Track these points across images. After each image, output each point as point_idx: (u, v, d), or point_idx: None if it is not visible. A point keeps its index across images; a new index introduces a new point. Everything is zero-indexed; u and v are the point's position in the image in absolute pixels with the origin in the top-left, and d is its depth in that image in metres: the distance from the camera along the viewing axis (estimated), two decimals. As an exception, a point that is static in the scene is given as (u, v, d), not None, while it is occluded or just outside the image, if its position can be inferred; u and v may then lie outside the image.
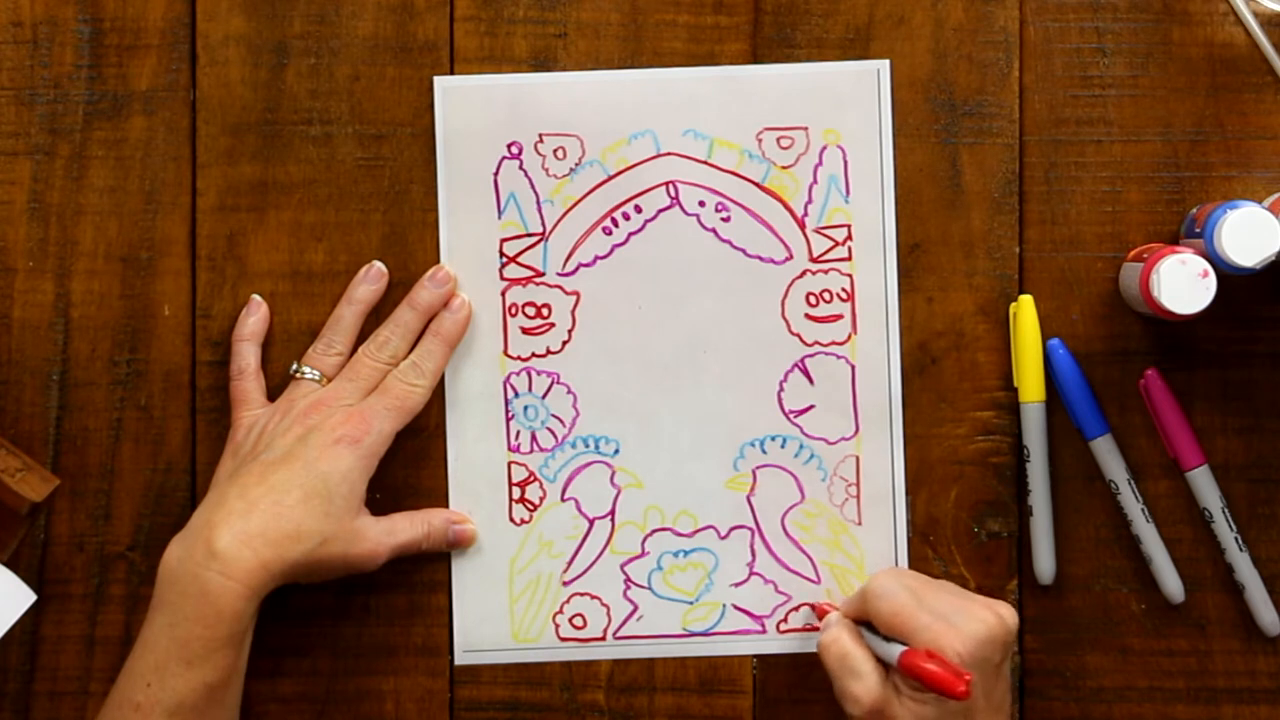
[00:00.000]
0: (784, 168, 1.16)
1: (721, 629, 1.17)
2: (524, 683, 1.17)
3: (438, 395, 1.16)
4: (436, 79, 1.16)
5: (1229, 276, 1.10)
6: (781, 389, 1.17)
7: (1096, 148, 1.16)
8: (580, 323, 1.17)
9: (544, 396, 1.17)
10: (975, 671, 1.05)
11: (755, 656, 1.17)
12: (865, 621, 1.11)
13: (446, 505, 1.17)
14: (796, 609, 1.17)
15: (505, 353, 1.17)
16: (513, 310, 1.17)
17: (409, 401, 1.14)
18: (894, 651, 1.06)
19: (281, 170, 1.16)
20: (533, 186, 1.16)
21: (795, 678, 1.17)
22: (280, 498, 1.09)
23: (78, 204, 1.16)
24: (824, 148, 1.16)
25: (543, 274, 1.17)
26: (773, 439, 1.17)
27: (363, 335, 1.16)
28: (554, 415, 1.17)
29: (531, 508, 1.17)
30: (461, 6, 1.17)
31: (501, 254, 1.17)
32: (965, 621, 1.06)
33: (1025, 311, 1.16)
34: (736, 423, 1.17)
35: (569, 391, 1.17)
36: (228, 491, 1.09)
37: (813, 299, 1.16)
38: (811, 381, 1.17)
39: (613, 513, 1.17)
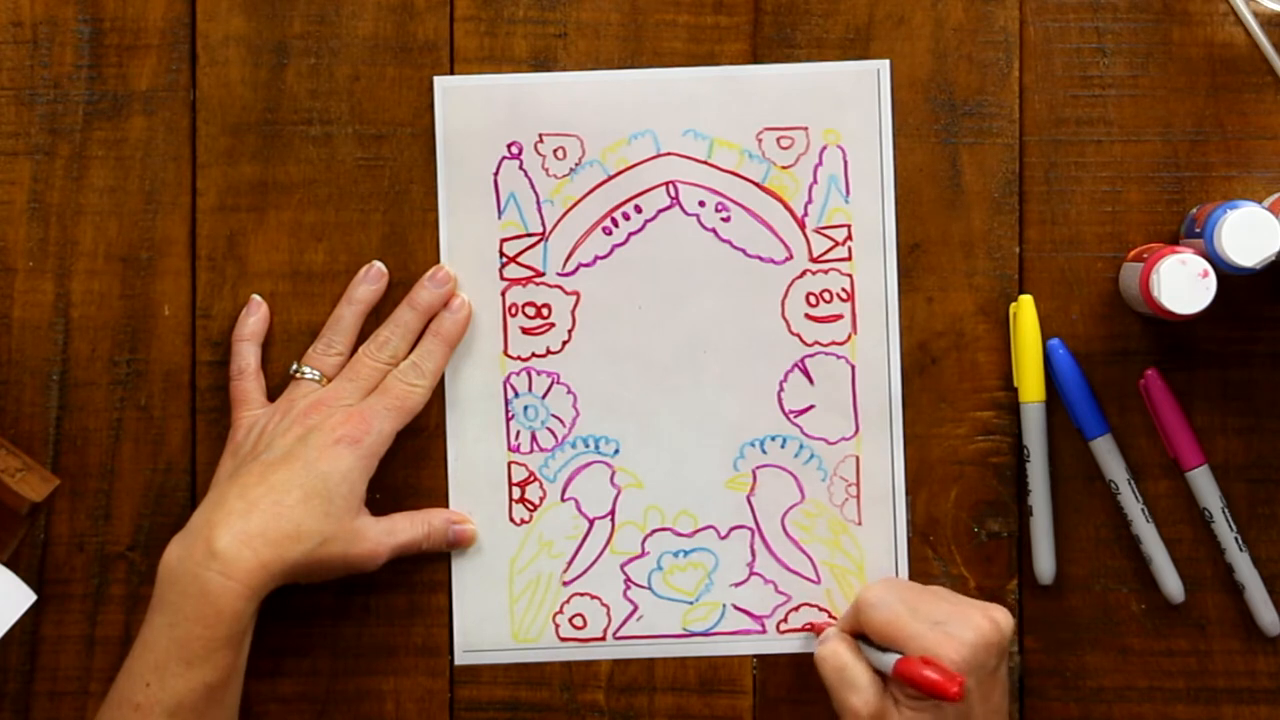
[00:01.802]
0: (784, 168, 1.16)
1: (721, 629, 1.17)
2: (524, 683, 1.17)
3: (438, 395, 1.16)
4: (436, 79, 1.16)
5: (1229, 276, 1.10)
6: (781, 389, 1.17)
7: (1096, 148, 1.16)
8: (580, 323, 1.17)
9: (544, 396, 1.17)
10: (971, 677, 1.05)
11: (755, 656, 1.17)
12: (863, 635, 1.11)
13: (446, 505, 1.17)
14: (796, 609, 1.17)
15: (505, 353, 1.17)
16: (513, 310, 1.17)
17: (409, 401, 1.14)
18: (889, 661, 1.06)
19: (281, 170, 1.16)
20: (533, 186, 1.16)
21: (795, 678, 1.17)
22: (280, 498, 1.09)
23: (78, 204, 1.16)
24: (824, 148, 1.16)
25: (543, 274, 1.17)
26: (773, 439, 1.17)
27: (363, 335, 1.16)
28: (554, 415, 1.17)
29: (531, 508, 1.17)
30: (461, 6, 1.17)
31: (501, 254, 1.17)
32: (959, 628, 1.06)
33: (1025, 311, 1.16)
34: (736, 423, 1.17)
35: (569, 391, 1.17)
36: (228, 491, 1.09)
37: (813, 299, 1.16)
38: (811, 381, 1.17)
39: (613, 513, 1.17)
